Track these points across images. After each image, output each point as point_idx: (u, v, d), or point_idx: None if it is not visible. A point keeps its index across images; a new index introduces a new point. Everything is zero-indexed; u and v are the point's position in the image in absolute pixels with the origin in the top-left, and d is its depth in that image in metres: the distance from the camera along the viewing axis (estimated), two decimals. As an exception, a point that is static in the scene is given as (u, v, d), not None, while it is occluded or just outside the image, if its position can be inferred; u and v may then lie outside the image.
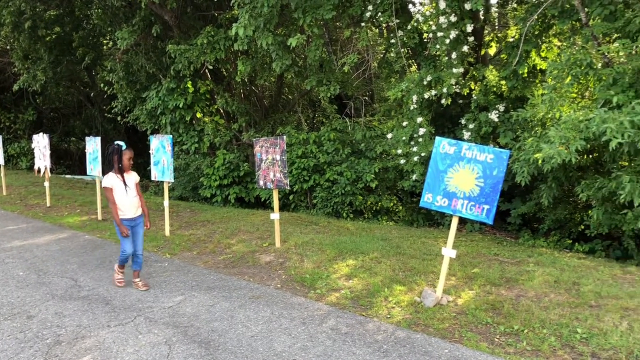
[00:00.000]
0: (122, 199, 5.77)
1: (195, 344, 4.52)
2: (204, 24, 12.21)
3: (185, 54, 11.32)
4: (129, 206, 5.81)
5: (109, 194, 5.71)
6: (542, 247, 8.27)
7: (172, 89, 12.73)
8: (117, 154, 5.73)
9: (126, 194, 5.79)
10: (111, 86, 14.94)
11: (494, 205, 5.14)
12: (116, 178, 5.76)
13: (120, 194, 5.77)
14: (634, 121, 5.76)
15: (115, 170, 5.76)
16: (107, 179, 5.74)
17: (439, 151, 5.44)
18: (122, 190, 5.78)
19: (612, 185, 6.68)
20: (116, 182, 5.75)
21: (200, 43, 10.99)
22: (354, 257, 6.91)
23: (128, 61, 13.63)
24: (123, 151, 5.76)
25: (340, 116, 12.05)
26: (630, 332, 4.48)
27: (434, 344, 4.43)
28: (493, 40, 10.23)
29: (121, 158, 5.75)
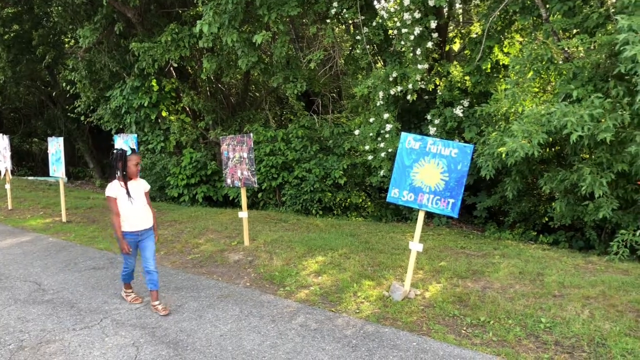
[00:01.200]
0: (126, 210, 5.16)
1: (163, 344, 4.47)
2: (168, 22, 12.04)
3: (150, 52, 11.16)
4: (134, 217, 5.19)
5: (112, 204, 5.14)
6: (507, 239, 8.43)
7: (136, 87, 12.53)
8: (122, 159, 5.11)
9: (131, 204, 5.15)
10: (74, 85, 14.61)
11: (459, 199, 5.21)
12: (120, 187, 5.16)
13: (125, 204, 5.15)
14: (593, 114, 5.91)
15: (119, 178, 5.15)
16: (110, 188, 5.17)
17: (404, 146, 5.49)
18: (127, 201, 5.15)
19: (574, 178, 6.85)
20: (120, 192, 5.15)
21: (165, 41, 10.84)
22: (323, 254, 6.93)
23: (91, 60, 13.36)
24: (128, 157, 5.16)
25: (308, 113, 12.03)
26: (591, 320, 4.60)
27: (402, 338, 4.48)
28: (457, 37, 10.37)
29: (126, 164, 5.13)
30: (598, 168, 6.63)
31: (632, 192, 6.81)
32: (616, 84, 6.17)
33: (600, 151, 6.65)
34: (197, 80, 13.31)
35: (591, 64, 6.61)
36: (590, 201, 6.99)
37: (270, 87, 12.39)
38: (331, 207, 10.98)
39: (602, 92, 6.28)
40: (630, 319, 4.57)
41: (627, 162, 6.37)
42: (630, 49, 5.27)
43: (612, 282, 5.45)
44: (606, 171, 6.53)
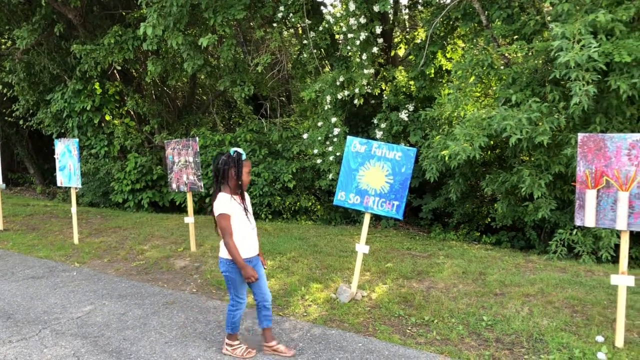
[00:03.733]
0: (243, 231, 4.02)
1: (105, 353, 4.34)
2: (111, 23, 11.74)
3: (92, 54, 10.85)
4: (251, 239, 4.10)
5: (226, 223, 3.92)
6: (452, 240, 8.63)
7: (78, 90, 12.15)
8: (236, 165, 3.99)
9: (248, 222, 4.09)
10: (11, 88, 14.04)
11: (403, 201, 5.30)
12: (233, 200, 3.99)
13: (241, 222, 4.02)
14: (531, 118, 6.14)
15: (231, 190, 4.02)
16: (223, 203, 3.95)
17: (350, 150, 5.54)
18: (243, 218, 4.04)
19: (514, 179, 7.08)
20: (235, 207, 3.98)
21: (108, 43, 10.56)
22: (271, 258, 6.90)
23: (29, 61, 12.87)
24: (243, 161, 4.06)
25: (257, 117, 11.98)
26: (530, 316, 4.76)
27: (349, 339, 4.51)
28: (402, 42, 10.55)
29: (241, 171, 4.00)
30: (537, 170, 6.89)
31: (568, 193, 7.09)
32: (552, 89, 6.43)
33: (538, 154, 6.90)
34: (141, 84, 13.03)
35: (529, 69, 6.86)
36: (530, 202, 7.25)
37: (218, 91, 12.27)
38: (280, 211, 10.95)
39: (540, 97, 6.53)
40: (566, 315, 4.75)
41: (564, 164, 6.63)
42: (564, 55, 5.50)
43: (550, 279, 5.66)
44: (544, 173, 6.79)
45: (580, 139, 4.29)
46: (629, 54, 5.44)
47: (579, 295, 5.19)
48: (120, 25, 11.01)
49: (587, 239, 6.72)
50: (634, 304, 4.87)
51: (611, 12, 5.69)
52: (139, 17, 11.02)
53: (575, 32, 5.50)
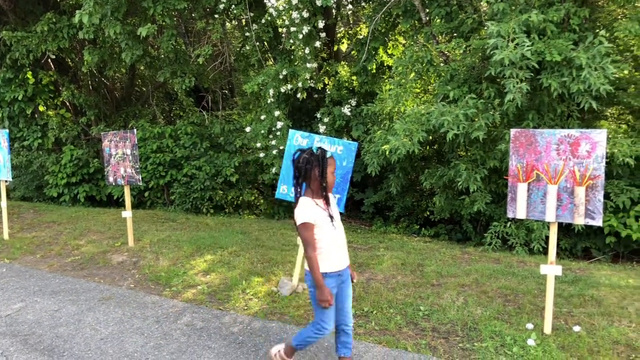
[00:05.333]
0: (329, 241, 3.40)
1: (37, 352, 4.18)
2: (45, 10, 11.24)
3: (24, 42, 10.36)
4: (338, 251, 3.47)
5: (309, 233, 3.32)
6: (392, 232, 8.79)
7: (9, 79, 11.58)
8: (320, 164, 3.36)
9: (334, 230, 3.44)
10: None
11: (345, 195, 5.35)
12: (317, 207, 3.37)
13: (326, 232, 3.39)
14: (468, 114, 6.32)
15: (314, 193, 3.41)
16: (305, 210, 3.32)
17: (292, 143, 5.54)
18: (329, 227, 3.41)
19: (452, 174, 7.28)
20: (319, 214, 3.36)
21: (41, 30, 10.12)
22: (212, 252, 6.82)
23: (-46, 48, 12.17)
24: (328, 159, 3.42)
25: (198, 109, 11.78)
26: (465, 306, 4.92)
27: (289, 331, 4.52)
28: (345, 37, 10.62)
29: (326, 171, 3.37)
30: (473, 164, 7.10)
31: (503, 187, 7.35)
32: (488, 86, 6.64)
33: (474, 149, 7.13)
34: (78, 74, 12.56)
35: (466, 66, 7.06)
36: (467, 196, 7.47)
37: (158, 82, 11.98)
38: (223, 205, 10.84)
39: (476, 93, 6.73)
40: (499, 304, 4.94)
41: (498, 158, 6.87)
42: (499, 53, 5.69)
43: (485, 270, 5.86)
44: (480, 167, 7.01)
45: (513, 134, 4.45)
46: (559, 54, 5.68)
47: (511, 285, 5.39)
48: (54, 12, 10.56)
49: (520, 231, 6.99)
50: (562, 293, 5.11)
51: (543, 12, 5.93)
52: (74, 4, 10.61)
53: (509, 31, 5.70)
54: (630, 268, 6.32)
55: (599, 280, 5.50)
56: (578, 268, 6.10)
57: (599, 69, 5.62)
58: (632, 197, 6.80)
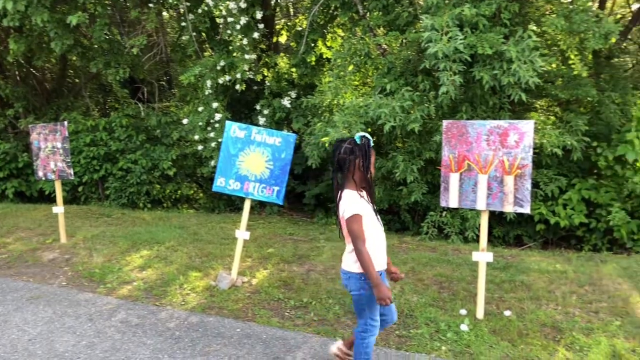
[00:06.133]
0: (375, 236, 3.21)
1: (-43, 357, 3.97)
2: (-35, -5, 10.61)
3: (-59, 29, 9.76)
4: (382, 247, 3.29)
5: (359, 226, 3.09)
6: (333, 224, 8.82)
7: None
8: (364, 155, 3.16)
9: (379, 224, 3.29)
10: None
11: (284, 187, 5.34)
12: (362, 199, 3.19)
13: (372, 226, 3.20)
14: (404, 106, 6.42)
15: (358, 186, 3.19)
16: (353, 201, 3.13)
17: (229, 135, 5.47)
18: (374, 220, 3.24)
19: (389, 165, 7.39)
20: (366, 207, 3.19)
21: (-40, 17, 9.54)
22: (148, 248, 6.66)
23: None
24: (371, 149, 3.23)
25: (134, 101, 11.44)
26: (402, 294, 5.01)
27: (227, 325, 4.48)
28: (284, 29, 10.57)
29: (369, 162, 3.19)
30: (409, 156, 7.23)
31: (438, 177, 7.47)
32: (423, 79, 6.76)
33: (411, 140, 7.26)
34: (3, 63, 11.92)
35: (403, 59, 7.17)
36: (404, 186, 7.60)
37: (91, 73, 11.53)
38: (160, 199, 10.59)
39: (412, 86, 6.84)
40: (434, 291, 5.06)
41: (434, 150, 7.02)
42: (433, 46, 5.80)
43: (421, 258, 5.99)
44: (416, 159, 7.15)
45: (445, 126, 4.55)
46: (491, 47, 5.85)
47: (446, 272, 5.55)
48: (-25, -3, 9.96)
49: (455, 220, 7.18)
50: (494, 279, 5.29)
51: (475, 6, 6.08)
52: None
53: (443, 24, 5.82)
54: (558, 254, 6.61)
55: (529, 266, 5.73)
56: (510, 255, 6.34)
57: (528, 62, 5.82)
58: (560, 186, 7.12)
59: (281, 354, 3.96)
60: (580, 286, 5.12)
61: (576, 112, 7.18)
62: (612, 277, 5.34)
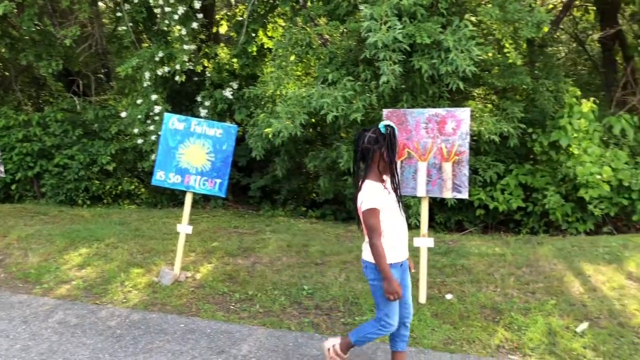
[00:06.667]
0: (396, 228, 3.21)
1: None
2: None
3: None
4: (403, 239, 3.28)
5: (376, 220, 3.09)
6: (280, 216, 8.82)
7: None
8: (389, 145, 3.10)
9: (401, 216, 3.26)
10: None
11: (226, 179, 5.28)
12: (384, 190, 3.17)
13: (393, 218, 3.19)
14: (346, 96, 6.43)
15: (379, 176, 3.18)
16: (372, 194, 3.10)
17: (168, 127, 5.35)
18: (396, 212, 3.22)
19: (334, 155, 7.42)
20: (388, 199, 3.17)
21: None
22: (87, 246, 6.44)
23: None
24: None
25: (69, 95, 10.99)
26: (347, 282, 5.06)
27: (170, 321, 4.39)
28: (224, 19, 10.40)
29: (395, 151, 3.14)
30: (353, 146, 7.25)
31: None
32: (364, 68, 6.79)
33: (354, 130, 7.29)
34: None
35: (344, 49, 7.18)
36: (349, 176, 7.64)
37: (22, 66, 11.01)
38: (100, 196, 10.27)
39: (354, 76, 6.85)
40: (378, 278, 5.12)
41: (379, 139, 7.08)
42: (373, 35, 5.83)
43: (366, 246, 6.04)
44: (360, 148, 7.18)
45: (385, 114, 4.60)
46: (429, 36, 5.93)
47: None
48: None
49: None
50: (436, 264, 5.41)
51: (414, -4, 6.14)
52: None
53: (382, 14, 5.85)
54: (498, 238, 6.82)
55: (469, 250, 5.89)
56: (451, 240, 6.49)
57: (464, 51, 5.94)
58: (498, 172, 7.34)
59: (226, 348, 3.92)
60: (518, 268, 5.30)
61: (512, 100, 7.40)
62: (548, 258, 5.55)
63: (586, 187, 6.89)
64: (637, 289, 4.76)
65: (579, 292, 4.75)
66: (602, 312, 4.36)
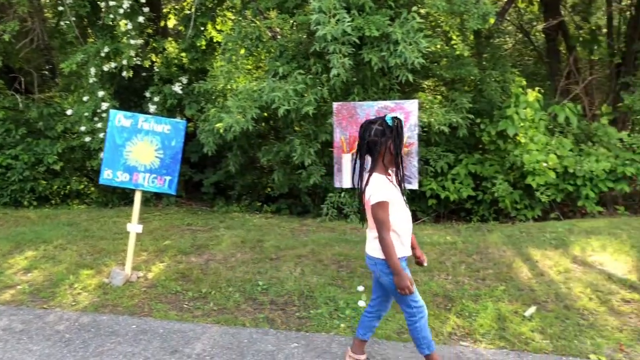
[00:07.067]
0: (402, 222, 3.16)
1: None
2: None
3: None
4: (409, 232, 3.25)
5: (386, 214, 3.04)
6: (235, 212, 8.73)
7: None
8: (395, 137, 3.06)
9: (407, 208, 3.23)
10: None
11: (176, 176, 5.19)
12: (391, 184, 3.15)
13: (400, 211, 3.15)
14: (297, 90, 6.42)
15: (385, 169, 3.15)
16: (381, 187, 3.07)
17: (114, 125, 5.21)
18: (402, 206, 3.18)
19: (287, 149, 7.39)
20: (395, 192, 3.14)
21: None
22: (34, 248, 6.22)
23: None
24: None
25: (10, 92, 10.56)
26: (302, 276, 5.06)
27: (122, 322, 4.29)
28: (172, 12, 10.20)
29: (401, 144, 3.12)
30: (306, 139, 7.26)
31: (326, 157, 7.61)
32: (315, 61, 6.79)
33: (307, 124, 7.29)
34: None
35: (294, 42, 7.15)
36: (303, 170, 7.64)
37: (-42, 63, 10.52)
38: (48, 196, 9.93)
39: (304, 69, 6.84)
40: (333, 271, 5.15)
41: (329, 132, 7.09)
42: (322, 28, 5.83)
43: (321, 239, 6.07)
44: (313, 142, 7.20)
45: (335, 108, 4.61)
46: (377, 29, 5.98)
47: (344, 251, 5.66)
48: None
49: (353, 200, 7.33)
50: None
51: (361, -11, 6.16)
52: None
53: (330, 6, 5.85)
54: (449, 226, 6.96)
55: (422, 239, 5.97)
56: (405, 230, 6.56)
57: (413, 44, 6.01)
58: (449, 162, 7.48)
59: (179, 347, 3.86)
60: (469, 255, 5.42)
61: (460, 91, 7.54)
62: (498, 245, 5.70)
63: (533, 174, 7.10)
64: (582, 272, 4.94)
65: (527, 277, 4.89)
66: (549, 296, 4.51)
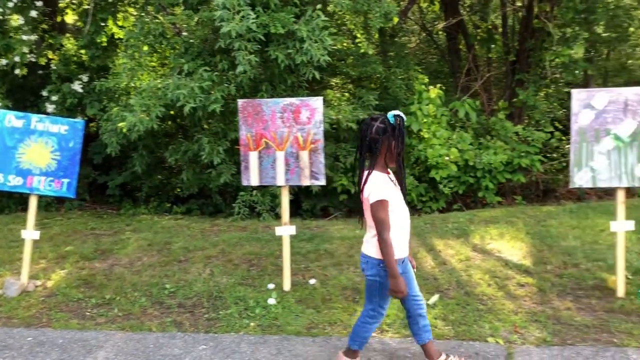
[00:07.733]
0: (402, 222, 3.07)
1: None
2: None
3: None
4: (407, 235, 3.14)
5: (385, 213, 2.92)
6: (143, 214, 8.45)
7: None
8: (397, 135, 2.94)
9: (406, 208, 3.13)
10: None
11: (75, 178, 4.97)
12: (390, 182, 3.05)
13: (399, 212, 3.04)
14: (203, 87, 6.31)
15: (384, 167, 3.04)
16: (381, 185, 2.96)
17: (4, 126, 4.88)
18: (402, 206, 3.08)
19: (195, 148, 7.25)
20: (394, 191, 3.04)
21: None
22: None
23: None
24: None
25: None
26: (211, 277, 4.98)
27: (17, 335, 4.03)
28: (69, 7, 9.69)
29: (403, 142, 3.00)
30: (215, 137, 7.16)
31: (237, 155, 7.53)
32: (221, 58, 6.70)
33: (215, 122, 7.19)
34: None
35: (199, 39, 7.01)
36: (213, 169, 7.51)
37: None
38: None
39: (210, 66, 6.73)
40: (243, 270, 5.11)
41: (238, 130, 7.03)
42: (227, 25, 5.76)
43: (231, 239, 6.01)
44: (222, 140, 7.11)
45: (240, 105, 4.57)
46: (283, 26, 5.99)
47: (255, 250, 5.63)
48: None
49: (265, 198, 7.32)
50: (300, 250, 5.51)
51: (266, -14, 6.15)
52: None
53: (234, 3, 5.79)
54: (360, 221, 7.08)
55: (332, 235, 6.07)
56: (316, 226, 6.65)
57: (318, 41, 6.07)
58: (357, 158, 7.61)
59: (80, 357, 3.68)
60: (377, 248, 5.55)
61: (367, 88, 7.73)
62: (404, 237, 5.88)
63: (436, 168, 7.40)
64: (481, 260, 5.20)
65: (431, 267, 5.09)
66: (450, 284, 4.71)
